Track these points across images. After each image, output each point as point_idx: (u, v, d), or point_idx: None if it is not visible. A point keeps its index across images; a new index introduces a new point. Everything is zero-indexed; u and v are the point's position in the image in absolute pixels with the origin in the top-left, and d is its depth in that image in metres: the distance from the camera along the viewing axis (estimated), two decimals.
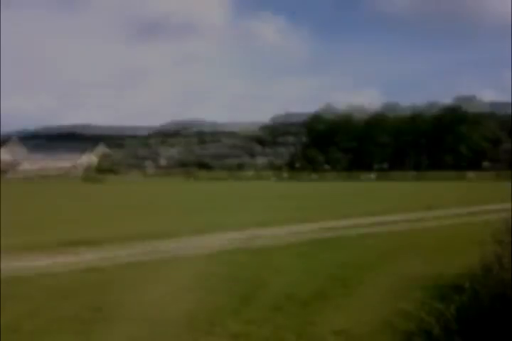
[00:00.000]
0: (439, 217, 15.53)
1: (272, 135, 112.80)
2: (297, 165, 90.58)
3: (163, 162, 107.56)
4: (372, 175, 75.74)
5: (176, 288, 6.93)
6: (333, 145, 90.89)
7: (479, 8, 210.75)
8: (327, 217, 15.43)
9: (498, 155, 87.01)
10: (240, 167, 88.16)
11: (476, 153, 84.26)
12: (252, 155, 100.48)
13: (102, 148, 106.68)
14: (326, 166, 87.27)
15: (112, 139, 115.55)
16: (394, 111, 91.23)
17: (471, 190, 32.32)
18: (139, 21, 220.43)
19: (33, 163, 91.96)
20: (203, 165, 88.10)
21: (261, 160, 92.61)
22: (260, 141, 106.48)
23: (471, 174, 70.21)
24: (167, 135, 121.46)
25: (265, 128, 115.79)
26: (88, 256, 9.57)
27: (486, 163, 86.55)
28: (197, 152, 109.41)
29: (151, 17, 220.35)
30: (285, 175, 78.49)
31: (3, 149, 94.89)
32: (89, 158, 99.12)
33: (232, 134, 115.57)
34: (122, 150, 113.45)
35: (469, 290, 5.30)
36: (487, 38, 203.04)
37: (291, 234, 12.13)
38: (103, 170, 63.10)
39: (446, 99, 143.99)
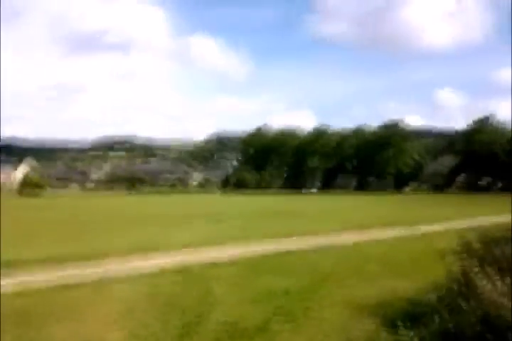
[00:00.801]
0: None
1: (208, 152, 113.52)
2: (232, 182, 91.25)
3: (95, 177, 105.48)
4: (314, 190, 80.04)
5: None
6: (265, 167, 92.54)
7: (409, 35, 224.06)
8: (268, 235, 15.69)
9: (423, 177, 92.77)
10: (176, 183, 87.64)
11: (402, 175, 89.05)
12: (187, 172, 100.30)
13: (30, 161, 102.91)
14: (259, 185, 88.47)
15: (43, 152, 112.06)
16: (325, 133, 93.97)
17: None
18: (77, 36, 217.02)
19: None
20: (139, 181, 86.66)
21: (196, 177, 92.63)
22: (196, 158, 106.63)
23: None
24: (100, 149, 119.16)
25: (201, 145, 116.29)
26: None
27: (412, 184, 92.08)
28: (131, 167, 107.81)
29: (90, 32, 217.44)
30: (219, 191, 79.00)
31: None
32: (23, 171, 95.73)
33: (167, 150, 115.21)
34: (54, 163, 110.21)
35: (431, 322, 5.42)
36: (415, 64, 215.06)
37: (233, 256, 11.75)
38: (33, 184, 60.95)
39: (375, 122, 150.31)
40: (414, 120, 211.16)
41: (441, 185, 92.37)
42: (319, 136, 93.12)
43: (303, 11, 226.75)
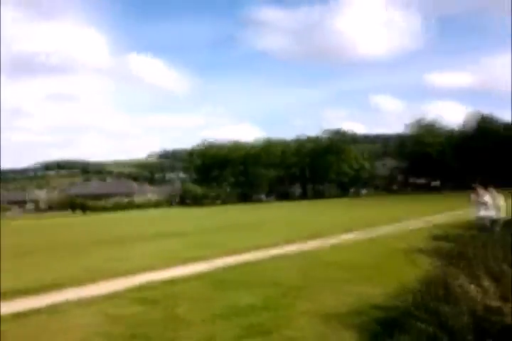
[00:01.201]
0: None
1: (149, 172, 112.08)
2: (177, 200, 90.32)
3: (40, 198, 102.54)
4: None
5: None
6: (212, 180, 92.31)
7: (344, 46, 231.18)
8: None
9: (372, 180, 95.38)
10: (121, 201, 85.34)
11: (347, 180, 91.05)
12: (129, 193, 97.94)
13: None
14: (207, 201, 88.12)
15: None
16: (270, 144, 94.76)
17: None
18: (13, 59, 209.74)
19: None
20: (85, 200, 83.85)
21: (140, 198, 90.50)
22: (141, 174, 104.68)
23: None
24: (41, 171, 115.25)
25: (145, 161, 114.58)
26: None
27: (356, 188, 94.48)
28: (76, 187, 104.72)
29: (28, 55, 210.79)
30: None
31: None
32: None
33: (108, 172, 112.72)
34: None
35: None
36: (351, 73, 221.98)
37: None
38: None
39: (314, 131, 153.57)
40: (354, 126, 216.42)
41: (390, 187, 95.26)
42: (265, 146, 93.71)
43: (240, 26, 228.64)
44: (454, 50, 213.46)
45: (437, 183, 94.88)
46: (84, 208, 75.28)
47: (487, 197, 14.22)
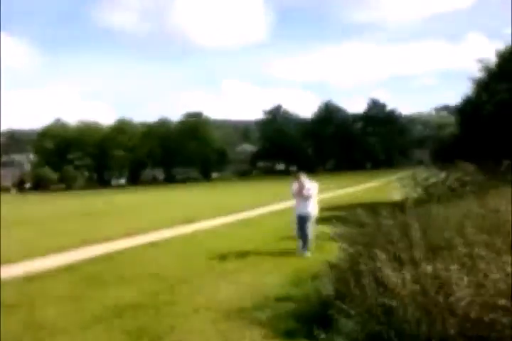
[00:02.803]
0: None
1: None
2: (27, 185, 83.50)
3: None
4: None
5: None
6: (66, 163, 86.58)
7: (195, 32, 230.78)
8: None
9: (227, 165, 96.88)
10: None
11: (208, 164, 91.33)
12: None
13: None
14: (60, 185, 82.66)
15: None
16: (128, 126, 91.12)
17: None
18: None
19: None
20: None
21: None
22: None
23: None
24: None
25: None
26: None
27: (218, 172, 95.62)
28: None
29: None
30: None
31: None
32: None
33: None
34: None
35: None
36: (198, 60, 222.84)
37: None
38: None
39: (176, 114, 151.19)
40: (211, 111, 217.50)
41: (245, 171, 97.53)
42: (123, 128, 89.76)
43: (89, 1, 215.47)
44: (297, 41, 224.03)
45: (282, 166, 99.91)
46: None
47: (312, 189, 9.91)
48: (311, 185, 9.91)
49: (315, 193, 9.96)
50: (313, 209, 9.95)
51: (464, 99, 33.93)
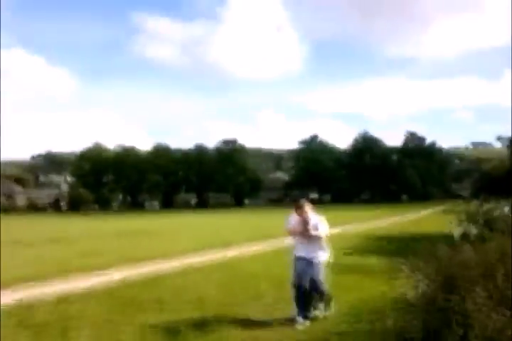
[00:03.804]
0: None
1: (33, 174, 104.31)
2: (63, 205, 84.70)
3: None
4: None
5: None
6: (102, 185, 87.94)
7: (233, 63, 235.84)
8: None
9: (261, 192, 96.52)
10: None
11: (241, 191, 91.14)
12: (11, 195, 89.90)
13: None
14: (95, 206, 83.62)
15: None
16: (164, 152, 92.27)
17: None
18: None
19: None
20: None
21: (21, 201, 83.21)
22: (20, 181, 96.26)
23: None
24: None
25: (25, 167, 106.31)
26: None
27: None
28: None
29: None
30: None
31: None
32: None
33: None
34: None
35: None
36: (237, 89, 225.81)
37: None
38: None
39: (211, 142, 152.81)
40: (245, 140, 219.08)
41: (277, 198, 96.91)
42: (160, 152, 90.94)
43: (131, 31, 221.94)
44: (331, 74, 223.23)
45: (316, 196, 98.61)
46: None
47: (321, 225, 6.75)
48: (317, 219, 6.70)
49: (325, 231, 6.69)
50: (323, 251, 6.72)
51: None
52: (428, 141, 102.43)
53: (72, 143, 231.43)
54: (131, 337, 5.74)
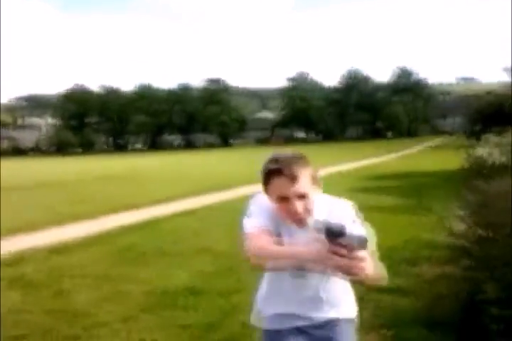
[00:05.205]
0: None
1: (13, 117, 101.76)
2: (45, 148, 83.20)
3: None
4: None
5: None
6: (86, 127, 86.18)
7: None
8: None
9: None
10: None
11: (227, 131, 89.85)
12: None
13: None
14: (78, 149, 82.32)
15: None
16: (149, 92, 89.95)
17: None
18: None
19: None
20: None
21: (4, 144, 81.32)
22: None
23: None
24: None
25: (5, 109, 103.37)
26: None
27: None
28: None
29: None
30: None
31: None
32: None
33: None
34: None
35: None
36: None
37: None
38: None
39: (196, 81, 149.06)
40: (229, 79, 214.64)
41: (264, 138, 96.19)
42: (144, 93, 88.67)
43: None
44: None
45: (303, 135, 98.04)
46: None
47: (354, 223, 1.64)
48: (339, 215, 1.80)
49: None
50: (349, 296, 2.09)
51: None
52: (416, 76, 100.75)
53: (52, 84, 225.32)
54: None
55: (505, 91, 35.44)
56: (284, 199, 1.80)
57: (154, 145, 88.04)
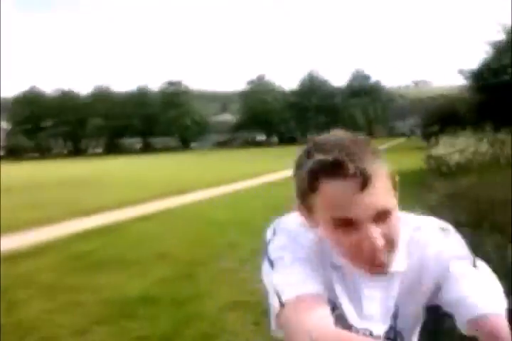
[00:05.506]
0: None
1: None
2: (4, 148, 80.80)
3: None
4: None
5: None
6: (42, 131, 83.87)
7: None
8: None
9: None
10: None
11: (187, 134, 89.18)
12: None
13: None
14: (35, 154, 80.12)
15: None
16: (106, 95, 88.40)
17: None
18: None
19: None
20: None
21: None
22: None
23: None
24: None
25: None
26: None
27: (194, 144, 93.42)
28: None
29: None
30: None
31: None
32: None
33: None
34: None
35: None
36: None
37: None
38: None
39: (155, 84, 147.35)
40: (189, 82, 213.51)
41: (225, 141, 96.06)
42: (101, 95, 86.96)
43: None
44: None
45: (263, 138, 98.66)
46: None
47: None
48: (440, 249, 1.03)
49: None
50: None
51: (482, 63, 32.86)
52: (373, 79, 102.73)
53: (8, 87, 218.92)
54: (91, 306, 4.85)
55: (459, 93, 36.51)
56: (347, 224, 0.92)
57: (114, 148, 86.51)
